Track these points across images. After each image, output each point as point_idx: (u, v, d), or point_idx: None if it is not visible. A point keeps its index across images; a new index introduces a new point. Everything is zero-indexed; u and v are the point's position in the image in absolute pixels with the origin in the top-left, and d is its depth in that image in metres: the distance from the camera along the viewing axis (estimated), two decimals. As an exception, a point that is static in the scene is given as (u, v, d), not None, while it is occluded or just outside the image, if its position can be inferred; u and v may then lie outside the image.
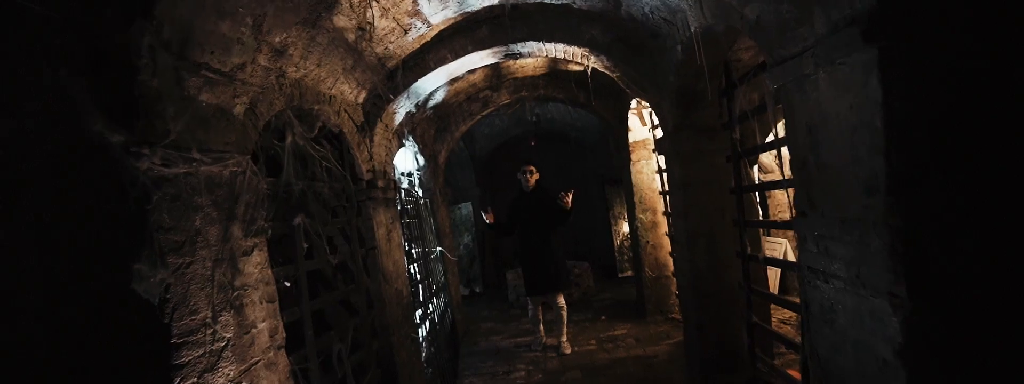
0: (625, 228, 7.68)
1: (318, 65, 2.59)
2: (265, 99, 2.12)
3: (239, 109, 1.85)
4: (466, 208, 7.83)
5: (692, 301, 3.21)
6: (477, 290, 7.26)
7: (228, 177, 1.72)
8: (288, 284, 2.24)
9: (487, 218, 4.19)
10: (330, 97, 2.86)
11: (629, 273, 7.43)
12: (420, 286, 4.51)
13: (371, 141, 3.41)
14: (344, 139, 3.05)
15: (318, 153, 2.64)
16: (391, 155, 3.84)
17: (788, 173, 2.04)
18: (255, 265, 1.82)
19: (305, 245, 2.38)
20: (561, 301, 4.24)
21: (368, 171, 3.36)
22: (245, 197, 1.81)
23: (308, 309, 2.30)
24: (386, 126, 3.61)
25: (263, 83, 2.01)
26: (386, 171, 3.68)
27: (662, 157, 4.54)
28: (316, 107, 2.67)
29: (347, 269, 3.10)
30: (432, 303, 4.55)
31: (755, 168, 3.04)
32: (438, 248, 4.76)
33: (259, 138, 2.13)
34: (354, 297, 3.00)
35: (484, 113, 5.36)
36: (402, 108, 3.68)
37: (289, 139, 2.33)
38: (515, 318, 5.63)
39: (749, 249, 2.77)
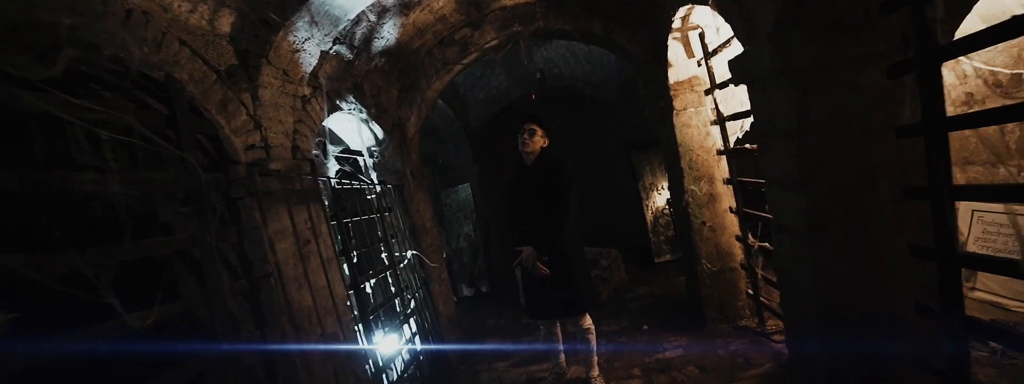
0: (659, 201, 6.28)
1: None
2: None
3: None
4: (464, 191, 6.52)
5: (818, 331, 1.85)
6: (483, 289, 6.01)
7: None
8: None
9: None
10: (128, 12, 1.51)
11: (668, 257, 6.08)
12: (395, 301, 3.24)
13: (255, 98, 2.07)
14: (183, 93, 1.71)
15: (73, 113, 1.31)
16: (308, 122, 2.50)
17: None
18: None
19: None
20: (585, 322, 2.91)
21: (251, 147, 2.03)
22: None
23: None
24: (285, 74, 2.25)
25: None
26: (297, 146, 2.35)
27: (722, 95, 3.11)
28: (66, 21, 1.32)
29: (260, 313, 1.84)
30: (406, 329, 3.29)
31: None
32: (410, 252, 3.47)
33: None
34: (229, 370, 1.73)
35: (465, 61, 3.95)
36: (311, 44, 2.31)
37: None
38: (529, 329, 4.35)
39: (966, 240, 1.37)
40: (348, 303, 2.58)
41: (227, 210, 1.93)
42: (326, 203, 2.54)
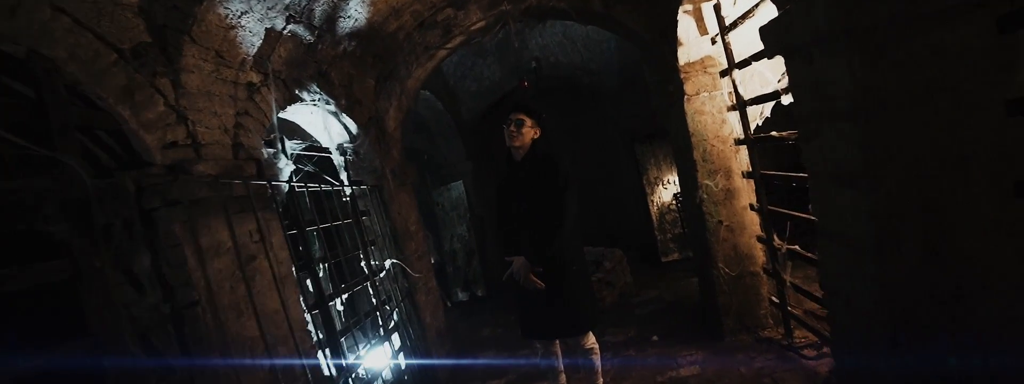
0: (665, 196, 5.90)
1: None
2: None
3: None
4: (457, 189, 6.13)
5: (884, 362, 1.47)
6: (478, 294, 5.64)
7: None
8: None
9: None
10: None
11: (676, 256, 5.70)
12: (376, 315, 2.87)
13: (177, 85, 1.68)
14: (58, 75, 1.32)
15: None
16: (256, 115, 2.11)
17: None
18: None
19: None
20: (588, 342, 2.53)
21: (172, 146, 1.64)
22: None
23: None
24: (219, 56, 1.85)
25: None
26: (240, 144, 1.96)
27: (739, 76, 2.71)
28: None
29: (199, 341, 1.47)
30: (388, 346, 2.91)
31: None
32: (389, 261, 3.08)
33: None
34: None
35: (449, 45, 3.55)
36: (250, 19, 1.92)
37: None
38: (528, 341, 3.98)
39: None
40: (309, 327, 2.20)
41: (142, 224, 1.55)
42: (280, 210, 2.15)
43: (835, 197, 1.52)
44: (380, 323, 2.96)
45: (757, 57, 2.35)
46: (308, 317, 2.22)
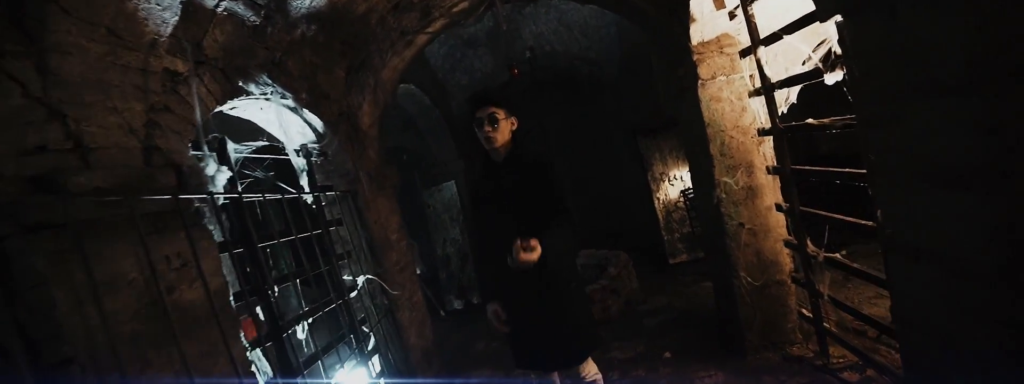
0: (671, 193, 5.51)
1: None
2: None
3: None
4: (449, 189, 5.74)
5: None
6: (474, 301, 5.25)
7: None
8: None
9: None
10: None
11: (684, 257, 5.32)
12: (350, 339, 2.48)
13: (43, 71, 1.28)
14: None
15: None
16: (180, 111, 1.71)
17: None
18: None
19: None
20: (589, 371, 2.14)
21: (39, 151, 1.25)
22: None
23: None
24: (113, 34, 1.46)
25: None
26: (154, 147, 1.57)
27: (767, 54, 2.32)
28: None
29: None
30: (364, 373, 2.53)
31: None
32: (363, 278, 2.69)
33: None
34: None
35: (429, 30, 3.15)
36: (157, -14, 1.51)
37: None
38: (527, 357, 3.60)
39: None
40: (259, 365, 1.82)
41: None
42: (214, 226, 1.76)
43: (926, 202, 1.13)
44: (355, 347, 2.58)
45: (789, 29, 1.95)
46: (257, 354, 1.84)
